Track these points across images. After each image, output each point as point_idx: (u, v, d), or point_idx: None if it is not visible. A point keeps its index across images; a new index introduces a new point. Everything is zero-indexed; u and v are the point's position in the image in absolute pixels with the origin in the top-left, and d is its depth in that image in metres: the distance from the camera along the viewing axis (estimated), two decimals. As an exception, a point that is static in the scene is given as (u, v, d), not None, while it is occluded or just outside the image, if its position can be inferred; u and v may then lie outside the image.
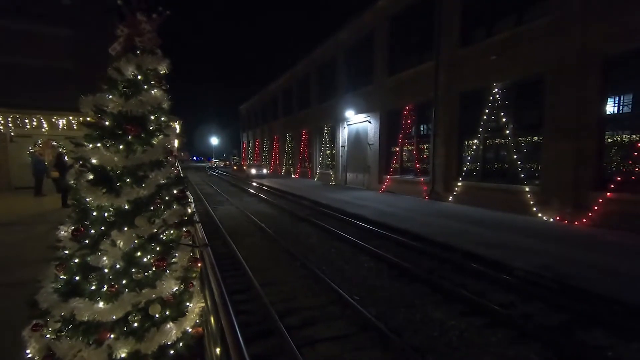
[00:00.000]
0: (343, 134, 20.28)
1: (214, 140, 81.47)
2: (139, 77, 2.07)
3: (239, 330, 1.68)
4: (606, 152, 8.40)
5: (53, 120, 15.14)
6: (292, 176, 28.48)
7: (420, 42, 14.28)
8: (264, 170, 30.26)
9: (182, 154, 69.28)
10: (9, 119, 14.60)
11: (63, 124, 15.25)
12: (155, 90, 2.14)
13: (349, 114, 18.51)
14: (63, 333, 1.82)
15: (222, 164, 68.84)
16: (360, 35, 18.25)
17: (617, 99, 8.23)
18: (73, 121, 14.86)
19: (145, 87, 2.09)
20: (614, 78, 8.07)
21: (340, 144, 20.54)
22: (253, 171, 29.01)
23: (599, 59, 8.05)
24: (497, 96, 10.49)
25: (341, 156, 20.56)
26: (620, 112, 8.19)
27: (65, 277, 1.91)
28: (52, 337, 1.83)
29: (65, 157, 11.43)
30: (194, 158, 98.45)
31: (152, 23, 2.11)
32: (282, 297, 4.91)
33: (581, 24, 8.30)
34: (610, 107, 8.27)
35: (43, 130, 15.35)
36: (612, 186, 7.76)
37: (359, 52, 18.76)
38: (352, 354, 3.53)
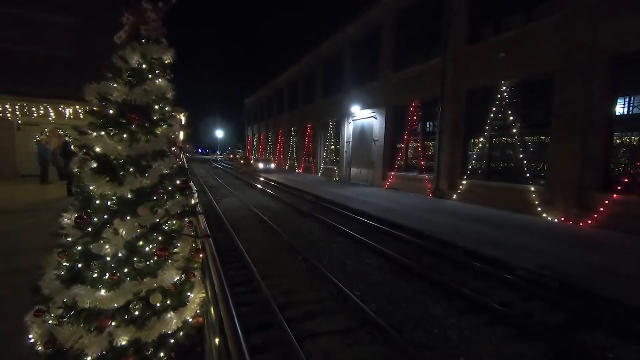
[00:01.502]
0: (348, 129, 20.21)
1: (219, 133, 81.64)
2: (144, 66, 2.06)
3: (239, 321, 1.69)
4: (613, 153, 8.30)
5: (60, 109, 15.17)
6: (296, 171, 28.47)
7: (428, 38, 14.14)
8: (272, 165, 29.41)
9: (187, 145, 69.15)
10: (16, 107, 14.65)
11: (70, 113, 15.28)
12: (159, 79, 2.13)
13: (355, 109, 18.42)
14: (65, 319, 1.84)
15: (229, 156, 67.80)
16: (367, 30, 18.10)
17: (626, 100, 8.11)
18: (79, 110, 14.90)
19: (150, 76, 2.08)
20: (624, 78, 7.95)
21: (345, 140, 20.48)
22: (260, 165, 28.42)
23: (609, 57, 7.92)
24: (505, 94, 10.37)
25: (345, 152, 20.50)
26: (630, 112, 8.07)
27: (67, 264, 1.92)
28: (54, 322, 1.85)
29: (71, 147, 11.49)
30: (199, 150, 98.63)
31: (157, 11, 2.10)
32: (283, 290, 4.93)
33: (591, 22, 8.16)
34: (620, 108, 8.15)
35: (50, 118, 15.41)
36: (619, 188, 7.68)
37: (365, 47, 18.62)
38: (352, 348, 3.54)
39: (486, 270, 5.58)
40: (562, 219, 8.75)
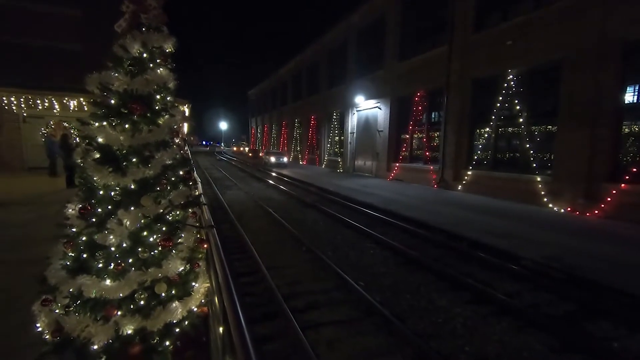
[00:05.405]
0: (352, 120, 20.08)
1: (223, 125, 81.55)
2: (145, 54, 2.04)
3: (245, 311, 1.71)
4: (622, 142, 8.16)
5: (64, 101, 15.24)
6: (300, 163, 28.44)
7: (433, 27, 13.91)
8: (284, 159, 25.31)
9: (192, 138, 68.94)
10: (22, 100, 14.75)
11: (74, 105, 15.36)
12: (161, 68, 2.11)
13: (359, 99, 18.26)
14: (71, 309, 1.86)
15: (234, 148, 66.35)
16: (372, 19, 17.85)
17: (636, 88, 7.93)
18: (84, 102, 14.96)
19: (151, 65, 2.06)
20: (635, 65, 7.77)
21: (349, 131, 20.36)
22: (272, 159, 24.95)
23: (620, 45, 7.74)
24: (512, 83, 10.21)
25: (350, 143, 20.40)
26: (640, 101, 7.91)
27: (73, 255, 1.93)
28: (61, 312, 1.87)
29: (77, 139, 11.54)
30: (204, 143, 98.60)
31: (158, -1, 2.07)
32: (288, 281, 4.96)
33: (602, 8, 7.96)
34: (630, 96, 7.98)
35: (55, 111, 15.48)
36: (627, 177, 7.57)
37: (370, 37, 18.38)
38: (356, 339, 3.55)
39: (492, 262, 5.56)
40: (569, 209, 8.66)
